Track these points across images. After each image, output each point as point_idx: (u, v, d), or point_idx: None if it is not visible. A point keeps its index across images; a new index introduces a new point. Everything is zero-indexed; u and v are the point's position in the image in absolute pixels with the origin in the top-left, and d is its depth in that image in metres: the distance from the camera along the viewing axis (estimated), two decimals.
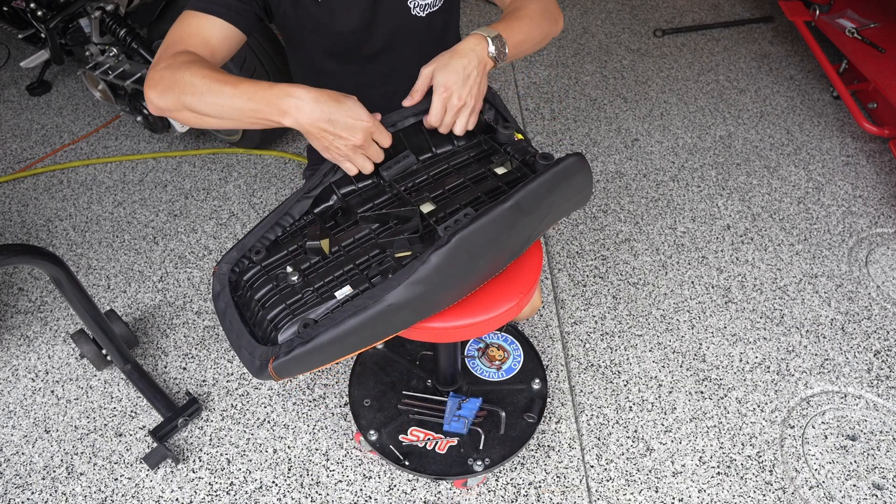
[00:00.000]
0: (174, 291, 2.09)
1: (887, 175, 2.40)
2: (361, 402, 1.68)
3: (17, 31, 2.58)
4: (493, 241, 1.01)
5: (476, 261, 1.02)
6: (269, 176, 2.48)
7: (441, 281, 0.98)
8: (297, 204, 1.11)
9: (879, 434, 1.71)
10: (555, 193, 1.06)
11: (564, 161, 1.05)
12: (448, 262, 0.96)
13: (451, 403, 1.62)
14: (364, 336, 0.99)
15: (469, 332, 1.16)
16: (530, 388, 1.70)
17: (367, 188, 1.15)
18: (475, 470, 1.55)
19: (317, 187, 1.12)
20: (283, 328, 1.00)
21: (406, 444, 1.60)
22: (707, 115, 2.70)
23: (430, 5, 1.28)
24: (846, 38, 2.54)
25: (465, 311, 1.13)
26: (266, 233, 1.09)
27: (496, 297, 1.16)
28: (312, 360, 0.98)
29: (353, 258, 1.06)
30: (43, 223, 2.33)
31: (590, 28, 3.21)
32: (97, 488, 1.64)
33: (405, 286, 0.96)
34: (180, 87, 1.02)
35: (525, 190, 1.01)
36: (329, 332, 0.96)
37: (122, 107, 2.47)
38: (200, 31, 1.12)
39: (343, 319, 0.96)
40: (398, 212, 1.09)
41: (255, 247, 1.08)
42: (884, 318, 1.96)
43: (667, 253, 2.17)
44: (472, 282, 1.07)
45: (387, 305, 0.96)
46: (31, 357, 1.93)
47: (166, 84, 1.03)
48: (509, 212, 0.99)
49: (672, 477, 1.64)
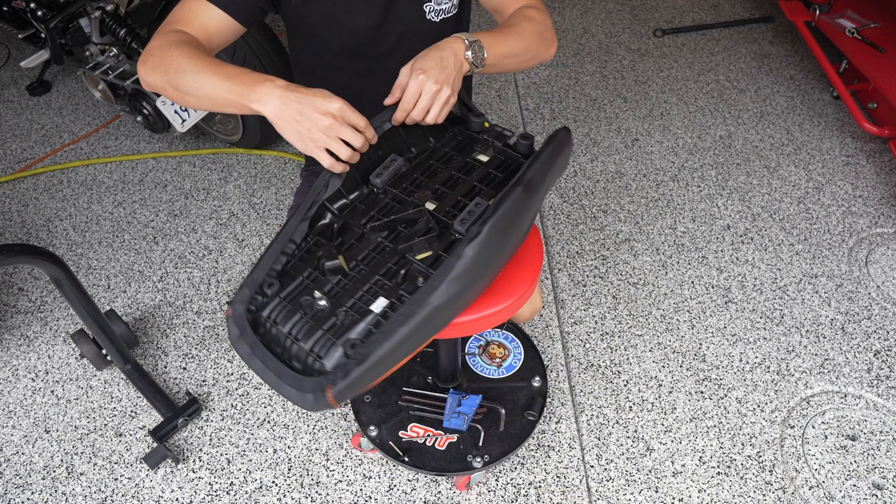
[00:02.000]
0: (174, 291, 2.09)
1: (887, 175, 2.40)
2: (362, 399, 1.68)
3: (17, 31, 2.58)
4: (514, 224, 1.03)
5: (503, 246, 1.04)
6: (269, 176, 2.48)
7: (478, 272, 1.00)
8: (296, 230, 1.09)
9: (879, 434, 1.71)
10: (551, 169, 1.09)
11: (558, 136, 1.08)
12: (482, 252, 0.98)
13: (451, 400, 1.63)
14: (413, 342, 0.99)
15: (469, 328, 1.16)
16: (530, 385, 1.70)
17: (360, 198, 1.13)
18: (474, 466, 1.55)
19: (311, 208, 1.09)
20: (327, 354, 0.97)
21: (406, 441, 1.60)
22: (707, 115, 2.70)
23: (444, 11, 1.30)
24: (846, 38, 2.54)
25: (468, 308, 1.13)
26: (273, 264, 1.06)
27: (497, 293, 1.16)
28: (370, 378, 0.96)
29: (374, 270, 1.04)
30: (43, 223, 2.33)
31: (590, 28, 3.21)
32: (97, 488, 1.64)
33: (447, 284, 0.96)
34: (166, 64, 1.05)
35: (532, 169, 1.03)
36: (384, 347, 0.94)
37: (122, 107, 2.47)
38: (200, 17, 1.14)
39: (394, 331, 0.94)
40: (405, 215, 1.08)
41: (266, 281, 1.04)
42: (884, 318, 1.96)
43: (667, 253, 2.17)
44: (498, 268, 1.10)
45: (433, 308, 0.96)
46: (31, 357, 1.93)
47: (155, 61, 1.07)
48: (524, 193, 1.02)
49: (672, 477, 1.64)
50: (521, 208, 1.03)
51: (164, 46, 1.07)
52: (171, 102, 2.22)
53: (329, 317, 1.00)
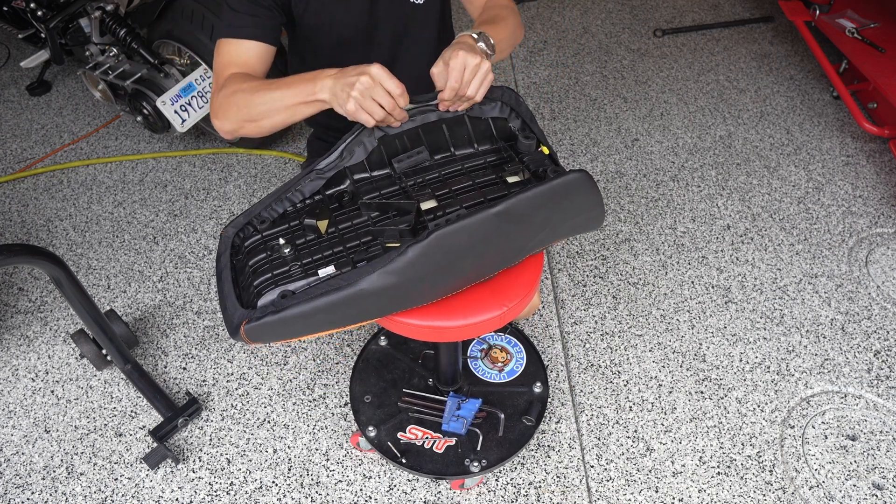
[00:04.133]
0: (174, 291, 2.09)
1: (887, 175, 2.40)
2: (362, 399, 1.68)
3: (17, 31, 2.58)
4: (476, 244, 1.02)
5: (456, 261, 1.03)
6: (269, 176, 2.48)
7: (416, 275, 1.01)
8: (310, 182, 1.15)
9: (879, 434, 1.71)
10: (552, 208, 1.05)
11: (564, 176, 1.03)
12: (424, 257, 0.98)
13: (451, 403, 1.62)
14: (334, 316, 1.03)
15: (465, 332, 1.16)
16: (531, 391, 1.70)
17: (379, 178, 1.18)
18: (472, 471, 1.55)
19: (332, 169, 1.15)
20: (265, 295, 1.04)
21: (404, 442, 1.60)
22: (707, 115, 2.70)
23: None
24: (846, 38, 2.54)
25: (463, 311, 1.14)
26: (275, 204, 1.14)
27: (493, 298, 1.16)
28: (281, 331, 1.02)
29: (345, 241, 1.10)
30: (43, 223, 2.33)
31: (590, 28, 3.21)
32: (97, 488, 1.64)
33: (379, 274, 0.99)
34: (234, 107, 1.16)
35: (515, 199, 1.00)
36: (299, 307, 1.00)
37: (122, 107, 2.47)
38: (238, 58, 1.24)
39: (315, 296, 1.00)
40: (398, 203, 1.11)
41: (262, 216, 1.13)
42: (884, 318, 1.96)
43: (667, 253, 2.17)
44: (453, 282, 1.08)
45: (358, 290, 0.99)
46: (31, 357, 1.93)
47: (224, 110, 1.18)
48: (495, 218, 1.00)
49: (672, 477, 1.64)
50: (488, 231, 1.01)
51: (225, 96, 1.18)
52: (171, 102, 2.22)
53: (283, 265, 1.08)
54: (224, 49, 1.26)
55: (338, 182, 1.17)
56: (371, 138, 1.15)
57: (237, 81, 1.19)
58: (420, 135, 1.17)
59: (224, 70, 1.24)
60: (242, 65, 1.24)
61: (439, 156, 1.20)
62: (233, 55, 1.25)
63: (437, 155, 1.20)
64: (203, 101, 2.30)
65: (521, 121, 1.21)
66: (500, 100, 1.18)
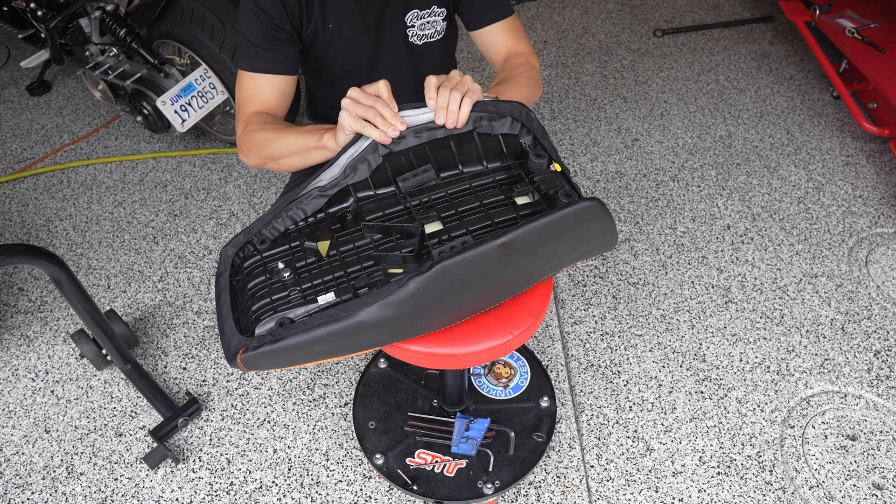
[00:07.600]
0: (174, 291, 2.09)
1: (887, 175, 2.40)
2: (366, 425, 1.64)
3: (17, 31, 2.58)
4: (480, 276, 0.98)
5: (459, 293, 1.00)
6: (269, 176, 2.48)
7: (417, 307, 0.97)
8: (312, 200, 1.12)
9: (879, 434, 1.71)
10: (560, 237, 1.01)
11: (575, 205, 0.98)
12: (426, 290, 0.94)
13: (459, 425, 1.56)
14: (332, 347, 0.99)
15: (469, 360, 1.11)
16: (538, 405, 1.67)
17: (383, 196, 1.13)
18: (485, 493, 1.52)
19: (334, 186, 1.11)
20: (263, 322, 1.01)
21: (413, 468, 1.56)
22: (707, 115, 2.70)
23: (427, 37, 1.41)
24: (846, 38, 2.54)
25: (467, 338, 1.10)
26: (276, 222, 1.12)
27: (499, 325, 1.11)
28: (279, 360, 1.00)
29: (346, 265, 1.05)
30: (43, 223, 2.33)
31: (590, 28, 3.21)
32: (97, 488, 1.64)
33: (379, 306, 0.95)
34: (257, 145, 1.25)
35: (522, 230, 0.96)
36: (297, 337, 0.97)
37: (122, 107, 2.47)
38: (260, 94, 1.30)
39: (313, 327, 0.96)
40: (402, 226, 1.07)
41: (263, 235, 1.11)
42: (884, 318, 1.96)
43: (667, 253, 2.17)
44: (455, 312, 1.05)
45: (357, 322, 0.95)
46: (31, 357, 1.93)
47: (248, 147, 1.27)
48: (500, 249, 0.95)
49: (672, 477, 1.64)
50: (493, 263, 0.97)
51: (248, 133, 1.26)
52: (171, 102, 2.22)
53: (283, 290, 1.05)
54: (245, 84, 1.31)
55: (341, 199, 1.13)
56: (375, 155, 1.10)
57: (258, 122, 1.26)
58: (427, 152, 1.12)
59: (246, 106, 1.31)
60: (264, 101, 1.31)
61: (446, 173, 1.14)
62: (253, 90, 1.30)
63: (445, 172, 1.14)
64: (203, 101, 2.30)
65: (532, 137, 1.16)
66: (510, 115, 1.13)
